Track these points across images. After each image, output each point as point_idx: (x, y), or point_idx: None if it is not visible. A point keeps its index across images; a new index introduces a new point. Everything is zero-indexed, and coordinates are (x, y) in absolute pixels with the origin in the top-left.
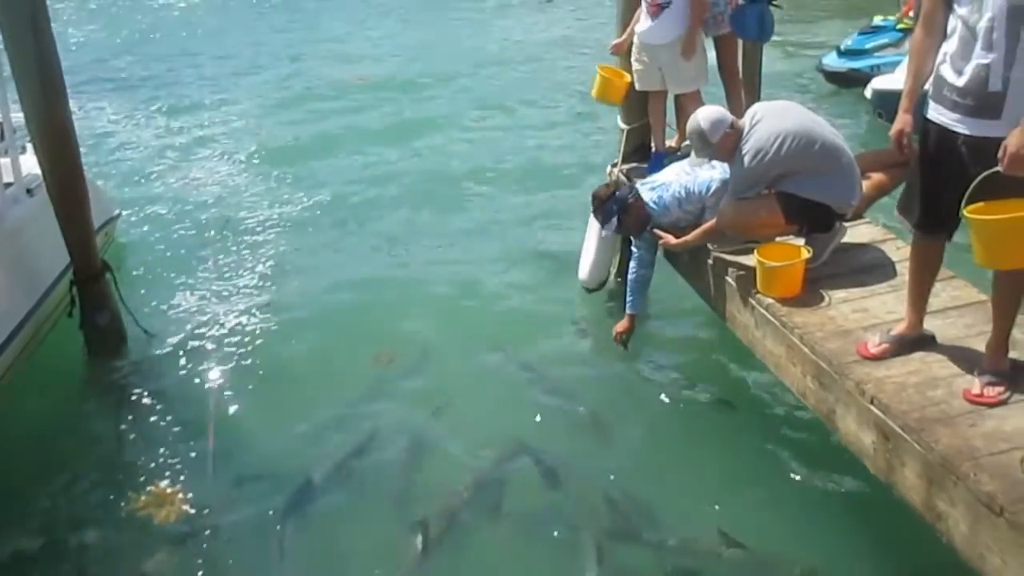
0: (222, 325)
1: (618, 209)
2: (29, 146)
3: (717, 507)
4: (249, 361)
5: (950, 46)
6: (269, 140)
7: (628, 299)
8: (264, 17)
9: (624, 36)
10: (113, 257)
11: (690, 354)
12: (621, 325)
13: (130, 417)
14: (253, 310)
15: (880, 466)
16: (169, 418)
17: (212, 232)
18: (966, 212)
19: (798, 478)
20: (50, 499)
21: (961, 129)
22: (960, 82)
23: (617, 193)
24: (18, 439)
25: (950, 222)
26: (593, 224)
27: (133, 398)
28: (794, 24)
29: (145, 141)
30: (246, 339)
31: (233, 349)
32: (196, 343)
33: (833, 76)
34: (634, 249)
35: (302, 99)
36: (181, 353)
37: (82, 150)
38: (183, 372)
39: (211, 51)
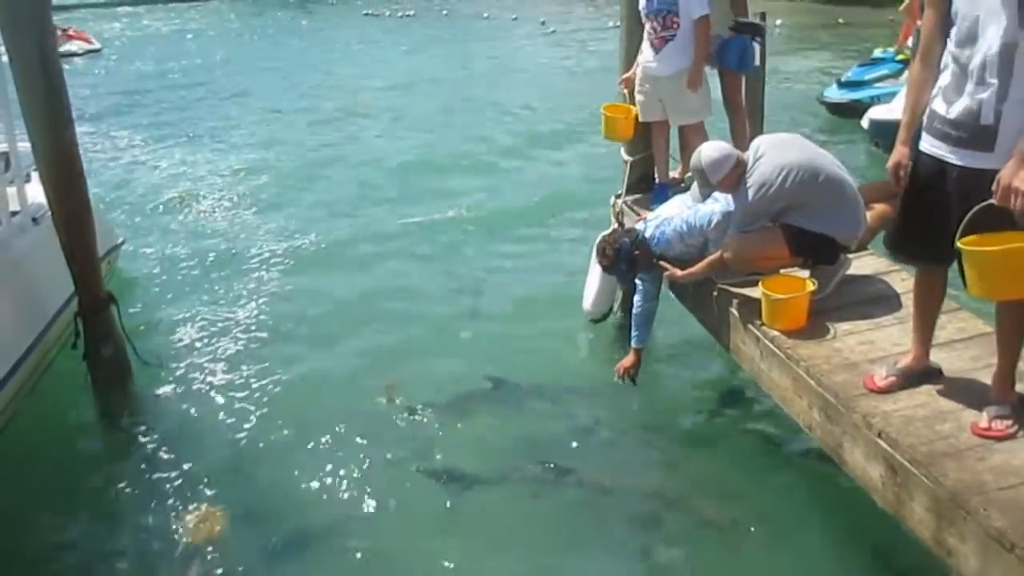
0: (227, 356)
1: (627, 267)
2: (35, 175)
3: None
4: (254, 392)
5: (944, 80)
6: (278, 171)
7: (633, 333)
8: (278, 45)
9: (631, 70)
10: (116, 286)
11: (697, 385)
12: (628, 360)
13: (135, 449)
14: (257, 341)
15: (888, 500)
16: (174, 453)
17: (216, 262)
18: (960, 244)
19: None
20: (49, 530)
21: (954, 160)
22: (952, 114)
23: (622, 250)
24: (22, 470)
25: (947, 253)
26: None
27: (138, 430)
28: (794, 56)
29: (148, 171)
30: (250, 369)
31: (238, 380)
32: (200, 374)
33: (834, 107)
34: (638, 282)
35: (311, 130)
36: (185, 384)
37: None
38: (188, 404)
39: (219, 81)
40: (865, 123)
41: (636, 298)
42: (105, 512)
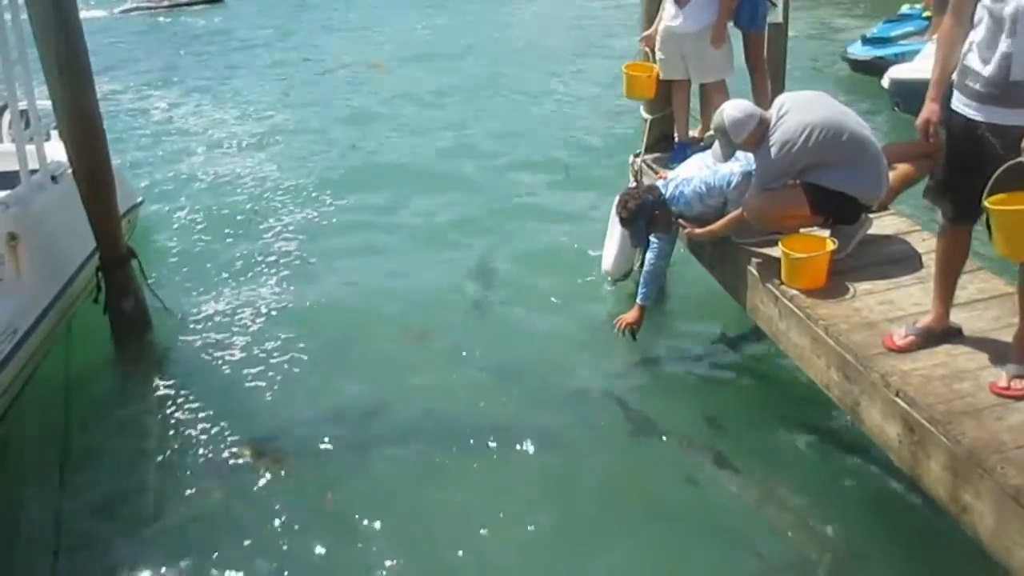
0: (246, 311)
1: (645, 225)
2: (54, 133)
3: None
4: (274, 343)
5: (977, 35)
6: (302, 132)
7: (640, 290)
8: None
9: (653, 27)
10: (136, 243)
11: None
12: (630, 315)
13: (158, 401)
14: (278, 294)
15: (905, 458)
16: (196, 403)
17: (237, 220)
18: (987, 203)
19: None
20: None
21: (983, 118)
22: (986, 71)
23: (643, 206)
24: (45, 417)
25: (975, 211)
26: (616, 216)
27: (160, 382)
28: (817, 11)
29: (175, 129)
30: (271, 323)
31: (258, 333)
32: (221, 325)
33: (858, 64)
34: (653, 240)
35: (334, 95)
36: (205, 338)
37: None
38: (208, 356)
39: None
40: (885, 82)
41: (648, 255)
42: (127, 455)
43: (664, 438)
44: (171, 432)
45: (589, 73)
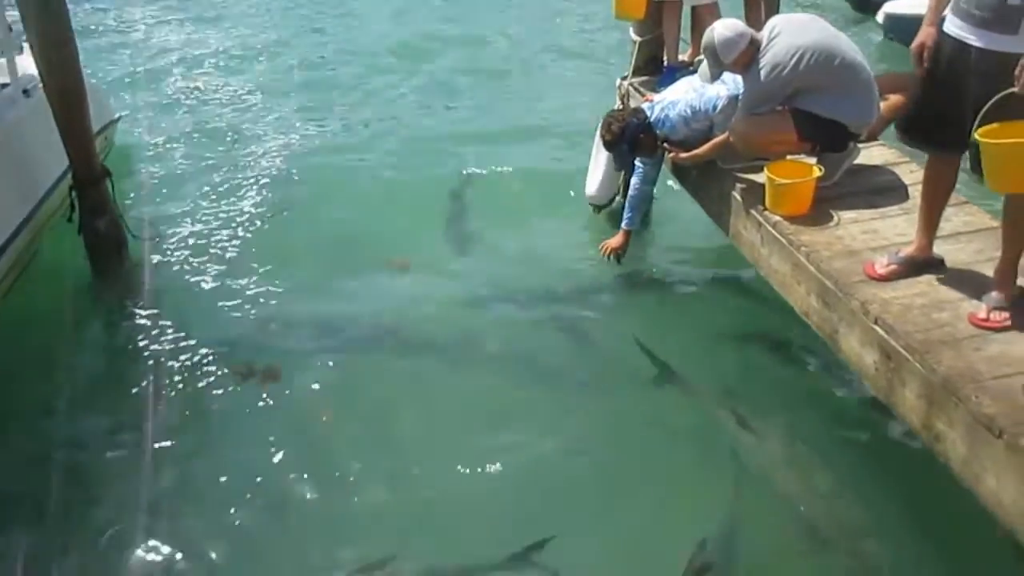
0: (224, 232)
1: (629, 149)
2: (26, 46)
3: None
4: (255, 265)
5: None
6: (287, 58)
7: (625, 215)
8: None
9: None
10: (113, 162)
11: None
12: (615, 241)
13: (138, 322)
14: (258, 216)
15: (881, 386)
16: (178, 324)
17: (218, 141)
18: (977, 135)
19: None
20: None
21: (974, 41)
22: None
23: (627, 129)
24: (20, 342)
25: (962, 141)
26: (600, 141)
27: (138, 303)
28: None
29: (155, 47)
30: (251, 245)
31: (238, 256)
32: (199, 252)
33: (859, 2)
34: (638, 164)
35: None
36: (185, 259)
37: (84, 52)
38: (188, 277)
39: None
40: (880, 17)
41: (633, 180)
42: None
43: (647, 362)
44: (153, 353)
45: None
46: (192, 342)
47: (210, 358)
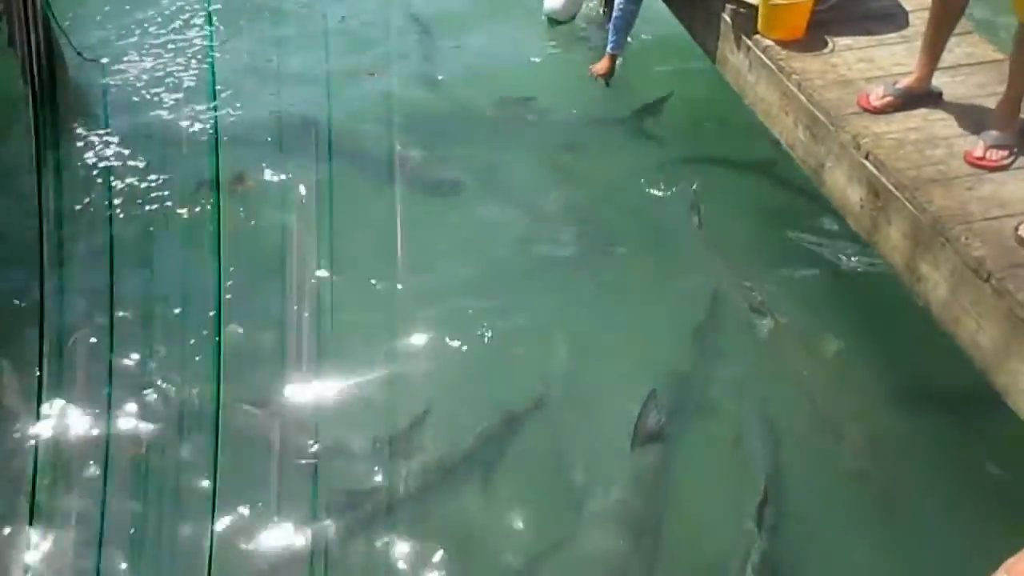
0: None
1: None
2: None
3: None
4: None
5: None
6: None
7: (611, 38)
8: None
9: None
10: None
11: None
12: (601, 66)
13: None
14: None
15: (864, 224)
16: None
17: None
18: None
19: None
20: None
21: None
22: None
23: None
24: None
25: None
26: None
27: (82, 124)
28: None
29: None
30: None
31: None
32: (148, 74)
33: None
34: None
35: None
36: (131, 82)
37: None
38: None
39: None
40: None
41: (617, 1)
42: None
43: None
44: (105, 174)
45: None
46: (147, 165)
47: (172, 177)
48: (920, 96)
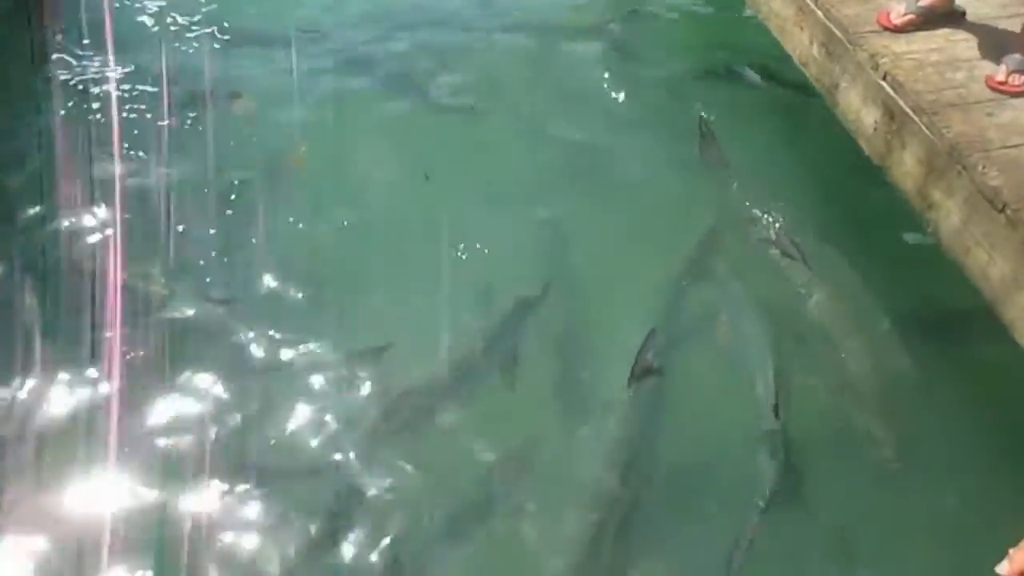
0: None
1: None
2: None
3: None
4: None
5: None
6: None
7: None
8: None
9: None
10: None
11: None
12: None
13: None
14: None
15: (877, 148)
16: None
17: None
18: None
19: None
20: None
21: None
22: None
23: None
24: None
25: None
26: None
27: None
28: None
29: None
30: None
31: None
32: None
33: None
34: None
35: None
36: None
37: None
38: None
39: None
40: None
41: None
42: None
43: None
44: (102, 87)
45: None
46: (140, 71)
47: (173, 82)
48: (943, 15)
